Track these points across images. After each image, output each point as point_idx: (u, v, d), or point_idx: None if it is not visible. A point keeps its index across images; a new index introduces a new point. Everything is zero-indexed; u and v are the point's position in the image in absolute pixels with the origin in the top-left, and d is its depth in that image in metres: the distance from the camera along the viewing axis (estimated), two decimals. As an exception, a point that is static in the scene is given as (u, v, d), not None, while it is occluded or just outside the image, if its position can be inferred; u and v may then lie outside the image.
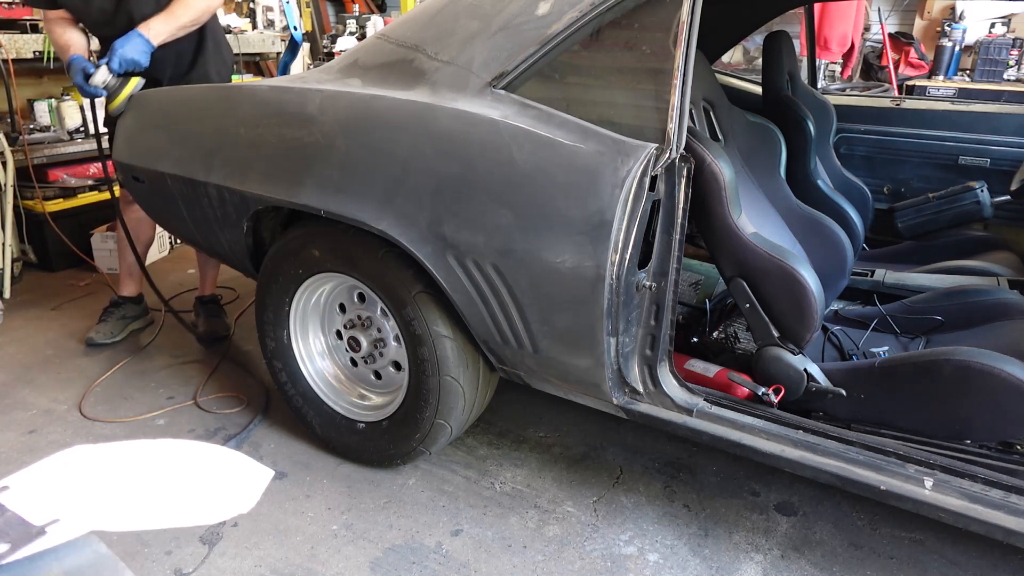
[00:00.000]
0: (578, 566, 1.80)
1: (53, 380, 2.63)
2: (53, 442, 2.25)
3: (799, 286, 1.67)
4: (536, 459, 2.21)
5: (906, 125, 2.88)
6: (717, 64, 3.15)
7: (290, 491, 2.05)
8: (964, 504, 1.40)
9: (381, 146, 1.72)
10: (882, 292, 2.40)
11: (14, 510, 0.78)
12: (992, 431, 1.57)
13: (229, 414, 2.42)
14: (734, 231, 1.68)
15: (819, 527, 1.94)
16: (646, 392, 1.69)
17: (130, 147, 2.30)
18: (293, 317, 2.11)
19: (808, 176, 2.45)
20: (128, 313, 2.98)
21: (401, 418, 1.97)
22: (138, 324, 3.02)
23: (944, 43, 5.85)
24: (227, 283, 3.45)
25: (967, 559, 1.84)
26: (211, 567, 1.78)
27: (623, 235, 1.48)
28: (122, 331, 2.95)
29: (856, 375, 1.72)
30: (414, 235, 1.69)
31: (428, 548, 1.86)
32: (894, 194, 2.95)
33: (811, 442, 1.55)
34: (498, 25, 1.72)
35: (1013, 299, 2.01)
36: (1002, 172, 2.71)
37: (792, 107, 2.42)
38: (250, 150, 1.95)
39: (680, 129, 1.49)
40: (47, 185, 3.55)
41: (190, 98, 2.20)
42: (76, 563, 0.72)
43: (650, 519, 1.97)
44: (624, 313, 1.56)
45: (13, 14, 3.57)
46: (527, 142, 1.56)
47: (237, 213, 2.04)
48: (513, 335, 1.70)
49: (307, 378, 2.14)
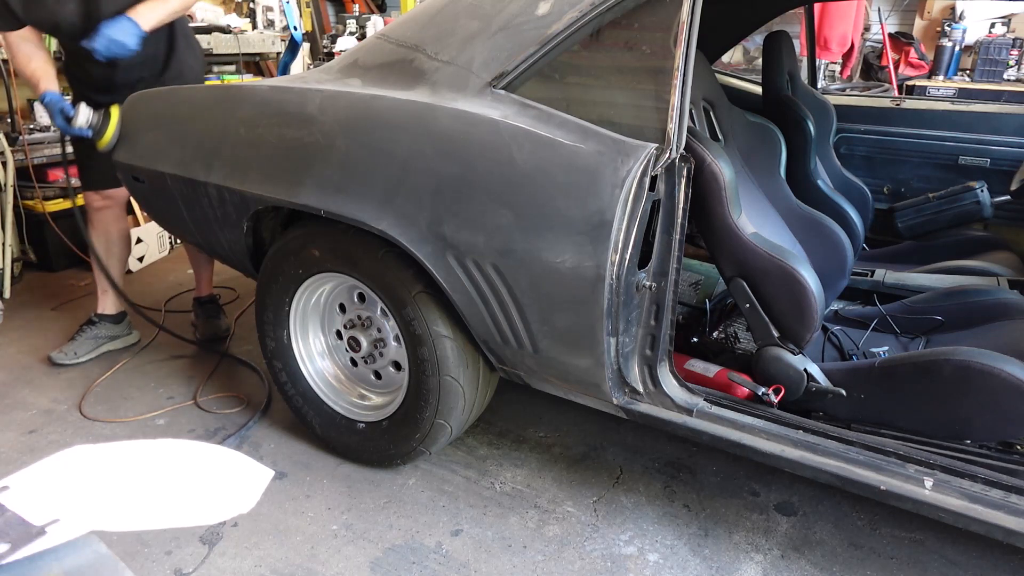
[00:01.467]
0: (578, 566, 1.80)
1: (53, 380, 2.63)
2: (53, 442, 2.25)
3: (799, 286, 1.67)
4: (536, 459, 2.21)
5: (906, 125, 2.88)
6: (717, 64, 3.15)
7: (290, 491, 2.05)
8: (964, 504, 1.40)
9: (381, 146, 1.72)
10: (882, 292, 2.40)
11: (14, 510, 0.78)
12: (992, 431, 1.57)
13: (229, 414, 2.42)
14: (734, 231, 1.68)
15: (819, 527, 1.94)
16: (646, 392, 1.69)
17: (130, 147, 2.30)
18: (293, 317, 2.11)
19: (808, 176, 2.45)
20: (103, 333, 2.81)
21: (401, 418, 1.97)
22: (115, 345, 2.84)
23: (944, 43, 5.84)
24: (227, 283, 3.45)
25: (967, 559, 1.84)
26: (211, 567, 1.78)
27: (623, 235, 1.48)
28: (91, 351, 2.76)
29: (856, 375, 1.72)
30: (414, 235, 1.69)
31: (428, 548, 1.86)
32: (894, 194, 2.95)
33: (811, 442, 1.55)
34: (498, 25, 1.72)
35: (1013, 299, 2.01)
36: (1002, 172, 2.71)
37: (792, 107, 2.42)
38: (250, 150, 1.95)
39: (680, 129, 1.49)
40: (47, 185, 3.55)
41: (190, 98, 2.20)
42: (76, 563, 0.72)
43: (650, 519, 1.97)
44: (624, 313, 1.56)
45: (13, 14, 3.56)
46: (527, 142, 1.56)
47: (237, 213, 2.04)
48: (513, 335, 1.70)
49: (307, 378, 2.14)
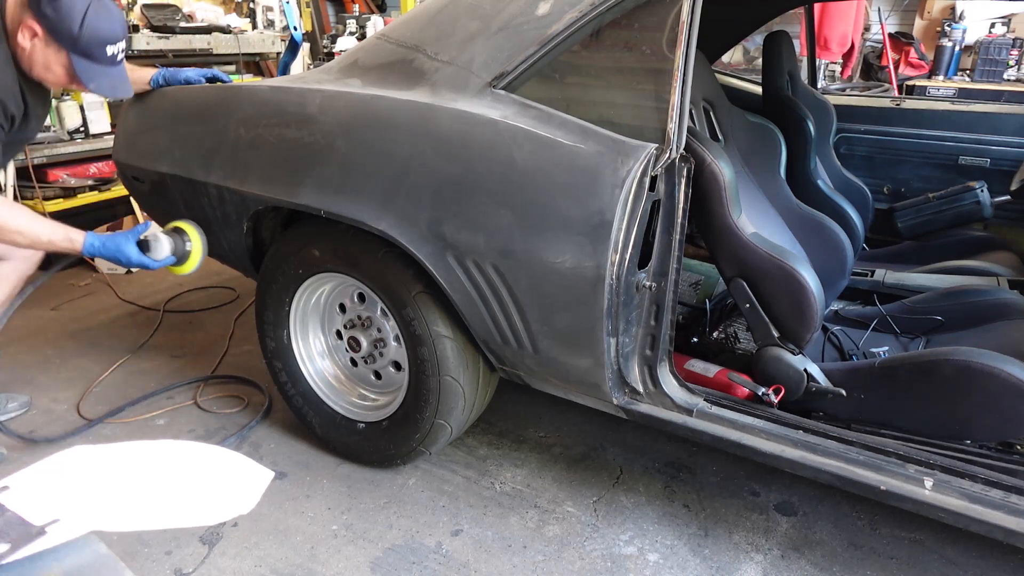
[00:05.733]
0: (578, 566, 1.80)
1: (53, 380, 2.63)
2: (53, 442, 2.25)
3: (799, 286, 1.67)
4: (536, 459, 2.21)
5: (906, 125, 2.88)
6: (717, 64, 3.15)
7: (290, 491, 2.05)
8: (964, 504, 1.40)
9: (381, 146, 1.72)
10: (882, 292, 2.40)
11: (14, 510, 0.78)
12: (992, 431, 1.57)
13: (229, 414, 2.42)
14: (734, 231, 1.68)
15: (819, 527, 1.94)
16: (646, 392, 1.69)
17: (130, 147, 2.30)
18: (293, 317, 2.11)
19: (808, 176, 2.45)
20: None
21: (401, 418, 1.97)
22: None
23: (944, 43, 5.84)
24: (227, 283, 3.45)
25: (967, 559, 1.84)
26: (211, 567, 1.78)
27: (623, 235, 1.48)
28: None
29: (856, 375, 1.72)
30: (414, 235, 1.68)
31: (428, 548, 1.86)
32: (894, 194, 2.95)
33: (811, 442, 1.55)
34: (498, 25, 1.72)
35: (1013, 299, 2.01)
36: (1002, 172, 2.71)
37: (792, 107, 2.42)
38: (250, 150, 1.95)
39: (680, 129, 1.49)
40: (47, 185, 3.55)
41: (190, 98, 2.20)
42: (76, 563, 0.72)
43: (650, 519, 1.97)
44: (624, 313, 1.56)
45: (13, 14, 3.56)
46: (527, 142, 1.56)
47: (237, 213, 2.04)
48: (513, 335, 1.70)
49: (307, 378, 2.14)
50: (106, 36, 1.86)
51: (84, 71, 1.89)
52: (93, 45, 1.85)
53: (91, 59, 1.88)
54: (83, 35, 1.83)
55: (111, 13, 1.88)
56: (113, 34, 1.88)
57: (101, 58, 1.89)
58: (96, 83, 1.92)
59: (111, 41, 1.88)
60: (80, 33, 1.82)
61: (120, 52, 1.93)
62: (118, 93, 2.01)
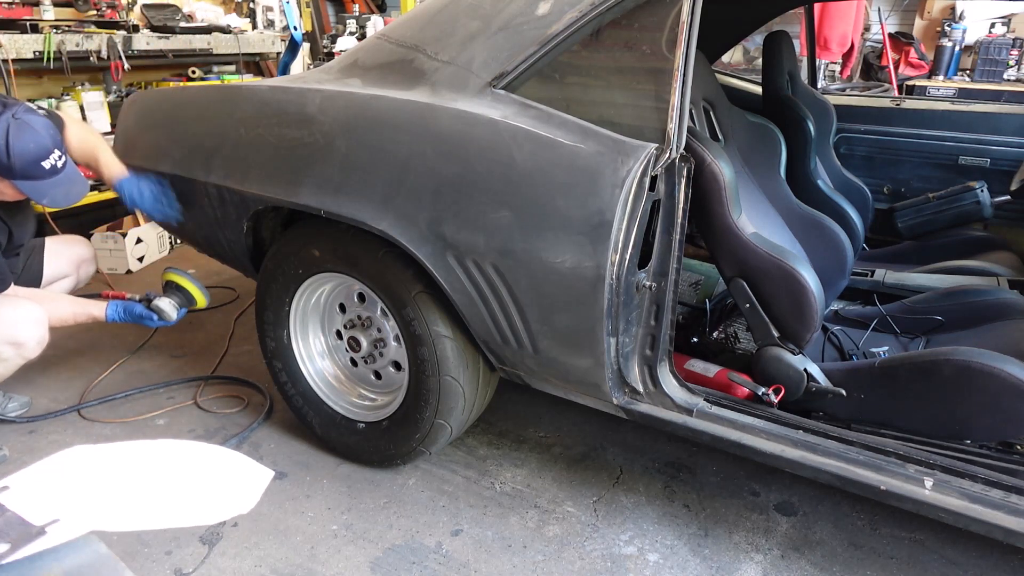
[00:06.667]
0: (578, 566, 1.80)
1: (53, 380, 2.63)
2: (53, 442, 2.25)
3: (799, 286, 1.67)
4: (536, 459, 2.21)
5: (906, 125, 2.88)
6: (717, 64, 3.15)
7: (290, 491, 2.05)
8: (964, 504, 1.40)
9: (381, 146, 1.72)
10: (882, 292, 2.40)
11: (14, 510, 0.78)
12: (992, 431, 1.57)
13: (229, 414, 2.42)
14: (734, 231, 1.68)
15: (819, 527, 1.94)
16: (646, 392, 1.69)
17: (130, 147, 2.30)
18: (293, 317, 2.11)
19: (808, 176, 2.45)
20: None
21: (401, 418, 1.97)
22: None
23: (944, 43, 5.85)
24: (227, 283, 3.45)
25: (967, 559, 1.84)
26: (211, 567, 1.78)
27: (623, 235, 1.48)
28: None
29: (856, 375, 1.72)
30: (414, 235, 1.68)
31: (428, 548, 1.86)
32: (894, 194, 2.95)
33: (811, 442, 1.55)
34: (498, 25, 1.72)
35: (1013, 299, 2.01)
36: (1002, 172, 2.71)
37: (792, 107, 2.42)
38: (250, 150, 1.95)
39: (680, 129, 1.49)
40: (47, 185, 3.54)
41: (190, 98, 2.20)
42: (76, 563, 0.72)
43: (650, 519, 1.97)
44: (624, 313, 1.56)
45: (13, 14, 3.56)
46: (527, 142, 1.56)
47: (237, 213, 2.04)
48: (513, 335, 1.70)
49: (307, 378, 2.14)
50: (35, 154, 1.92)
51: (31, 190, 1.98)
52: (27, 167, 1.92)
53: (32, 178, 1.95)
54: (13, 163, 1.90)
55: (33, 129, 1.93)
56: (42, 149, 1.93)
57: (41, 174, 1.96)
58: (49, 197, 2.02)
59: (42, 157, 1.94)
60: (10, 162, 1.89)
61: (58, 159, 1.99)
62: (72, 199, 2.10)
